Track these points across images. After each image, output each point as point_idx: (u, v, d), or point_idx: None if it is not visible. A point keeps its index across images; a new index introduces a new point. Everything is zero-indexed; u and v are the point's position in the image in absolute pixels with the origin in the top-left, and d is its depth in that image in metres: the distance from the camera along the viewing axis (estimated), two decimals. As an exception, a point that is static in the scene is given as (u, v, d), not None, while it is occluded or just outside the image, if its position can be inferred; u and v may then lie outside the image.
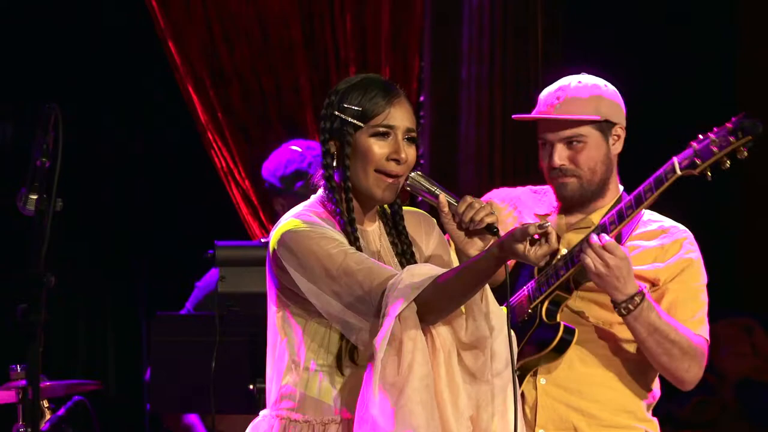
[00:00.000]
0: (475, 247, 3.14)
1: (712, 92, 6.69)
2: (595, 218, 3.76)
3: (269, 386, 3.13)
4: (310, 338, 3.07)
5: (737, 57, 6.84)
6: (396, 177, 3.10)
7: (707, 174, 3.47)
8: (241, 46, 6.28)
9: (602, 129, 3.73)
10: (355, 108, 3.09)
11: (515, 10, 6.28)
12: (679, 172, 3.49)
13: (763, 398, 6.52)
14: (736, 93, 6.82)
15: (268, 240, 3.12)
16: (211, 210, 6.54)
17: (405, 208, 3.24)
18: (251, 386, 4.42)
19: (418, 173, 3.17)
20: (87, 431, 5.05)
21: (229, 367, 4.44)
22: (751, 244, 6.78)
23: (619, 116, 3.77)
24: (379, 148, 3.09)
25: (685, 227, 3.75)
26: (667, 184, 3.51)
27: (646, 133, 5.33)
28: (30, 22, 6.36)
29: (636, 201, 3.55)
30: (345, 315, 2.99)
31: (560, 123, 3.71)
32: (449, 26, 6.32)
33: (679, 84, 6.60)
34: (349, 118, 3.09)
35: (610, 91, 3.77)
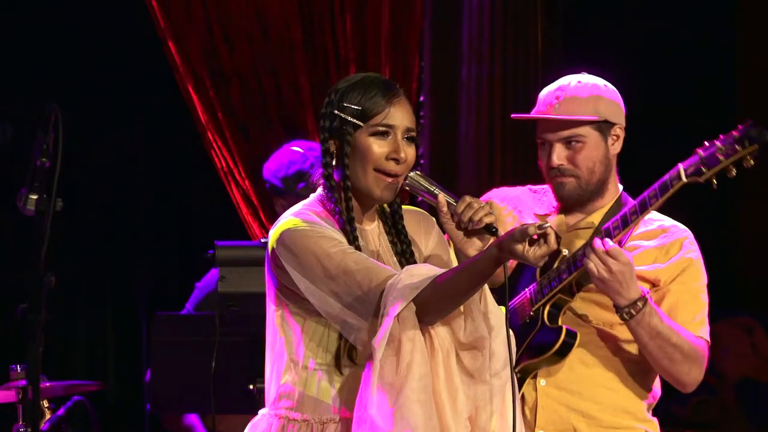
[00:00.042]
0: (474, 247, 3.14)
1: (712, 92, 6.69)
2: (595, 218, 3.76)
3: (268, 385, 3.13)
4: (308, 337, 3.06)
5: (737, 57, 6.84)
6: (395, 176, 3.09)
7: (713, 182, 3.47)
8: (241, 46, 6.28)
9: (601, 129, 3.72)
10: (355, 107, 3.08)
11: (515, 10, 6.28)
12: (684, 179, 3.48)
13: (763, 398, 6.51)
14: (736, 93, 6.82)
15: (268, 240, 3.12)
16: (211, 210, 6.54)
17: (404, 207, 3.23)
18: (251, 386, 4.42)
19: (417, 173, 3.16)
20: (87, 431, 5.05)
21: (229, 367, 4.43)
22: (751, 244, 6.78)
23: (619, 116, 3.76)
24: (378, 148, 3.08)
25: (685, 226, 3.74)
26: (672, 191, 3.50)
27: (646, 133, 5.33)
28: (30, 22, 6.35)
29: (641, 207, 3.55)
30: (344, 315, 2.98)
31: (559, 123, 3.70)
32: (449, 26, 6.32)
33: (679, 84, 6.60)
34: (349, 117, 3.08)
35: (609, 90, 3.77)
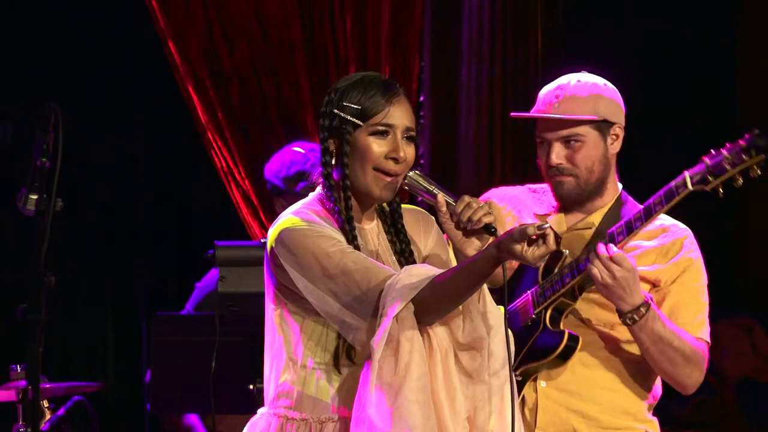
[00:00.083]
0: (472, 247, 3.13)
1: (712, 92, 6.69)
2: (595, 219, 3.75)
3: (267, 384, 3.13)
4: (307, 336, 3.06)
5: (737, 57, 6.84)
6: (394, 176, 3.09)
7: (719, 190, 3.46)
8: (241, 46, 6.28)
9: (600, 128, 3.72)
10: (355, 106, 3.08)
11: (515, 10, 6.28)
12: (690, 187, 3.47)
13: (763, 398, 6.51)
14: (736, 93, 6.82)
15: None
16: (211, 210, 6.54)
17: (404, 206, 3.23)
18: (251, 386, 4.41)
19: (417, 172, 3.16)
20: (87, 431, 5.05)
21: (229, 367, 4.43)
22: (751, 244, 6.77)
23: (618, 116, 3.75)
24: (377, 147, 3.08)
25: (684, 225, 3.74)
26: (677, 198, 3.50)
27: (646, 133, 5.33)
28: (30, 22, 6.35)
29: (645, 214, 3.54)
30: (342, 314, 2.98)
31: (558, 122, 3.70)
32: (449, 26, 6.32)
33: (679, 84, 6.60)
34: (348, 117, 3.08)
35: (609, 90, 3.76)
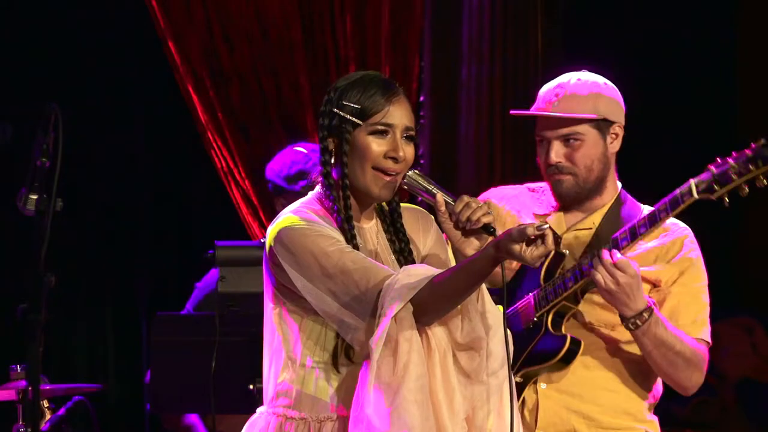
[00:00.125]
0: (471, 247, 3.13)
1: (712, 92, 6.69)
2: (595, 219, 3.75)
3: (266, 383, 3.13)
4: (306, 335, 3.06)
5: (737, 57, 6.84)
6: (393, 175, 3.09)
7: (725, 199, 3.46)
8: (241, 46, 6.28)
9: (600, 127, 3.71)
10: (354, 105, 3.08)
11: (515, 10, 6.28)
12: (696, 195, 3.47)
13: (763, 398, 6.51)
14: (736, 93, 6.82)
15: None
16: (211, 210, 6.54)
17: (403, 205, 3.23)
18: (251, 386, 4.42)
19: (416, 172, 3.16)
20: (87, 431, 5.05)
21: (229, 367, 4.43)
22: (751, 244, 6.77)
23: (618, 115, 3.75)
24: (377, 146, 3.08)
25: (684, 224, 3.73)
26: (682, 206, 3.50)
27: (646, 133, 5.33)
28: (30, 22, 6.35)
29: (650, 221, 3.53)
30: (341, 314, 2.98)
31: (558, 120, 3.69)
32: (449, 26, 6.32)
33: (679, 84, 6.60)
34: (348, 116, 3.08)
35: (609, 88, 3.75)
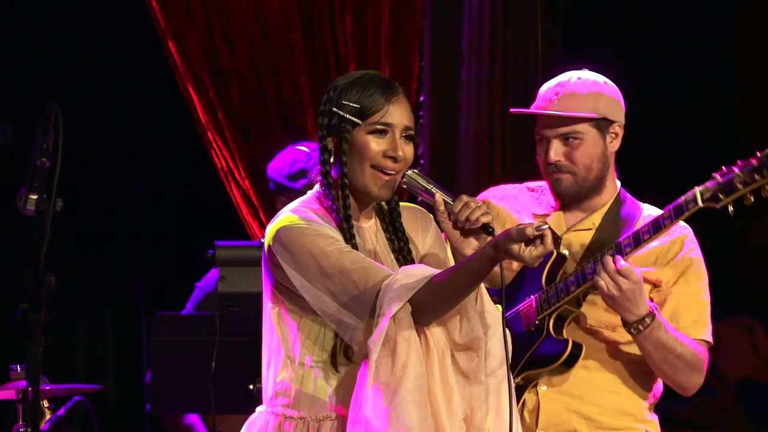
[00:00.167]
0: (470, 247, 3.13)
1: (712, 92, 6.69)
2: (596, 219, 3.75)
3: (265, 382, 3.13)
4: (304, 335, 3.06)
5: (737, 57, 6.84)
6: (392, 174, 3.08)
7: (729, 208, 3.46)
8: (241, 46, 6.28)
9: (599, 126, 3.71)
10: (354, 105, 3.08)
11: (515, 10, 6.28)
12: (701, 204, 3.47)
13: (763, 398, 6.51)
14: (736, 93, 6.82)
15: (266, 238, 3.12)
16: (211, 210, 6.54)
17: (402, 204, 3.22)
18: (251, 386, 4.41)
19: (415, 171, 3.15)
20: (87, 431, 5.05)
21: (229, 367, 4.43)
22: (751, 244, 6.77)
23: (618, 114, 3.75)
24: (376, 145, 3.07)
25: (685, 224, 3.72)
26: (687, 214, 3.50)
27: (646, 133, 5.33)
28: (30, 22, 6.35)
29: (654, 228, 3.53)
30: (340, 314, 2.98)
31: (557, 119, 3.69)
32: (449, 26, 6.32)
33: (679, 84, 6.60)
34: (347, 115, 3.08)
35: (609, 87, 3.75)
